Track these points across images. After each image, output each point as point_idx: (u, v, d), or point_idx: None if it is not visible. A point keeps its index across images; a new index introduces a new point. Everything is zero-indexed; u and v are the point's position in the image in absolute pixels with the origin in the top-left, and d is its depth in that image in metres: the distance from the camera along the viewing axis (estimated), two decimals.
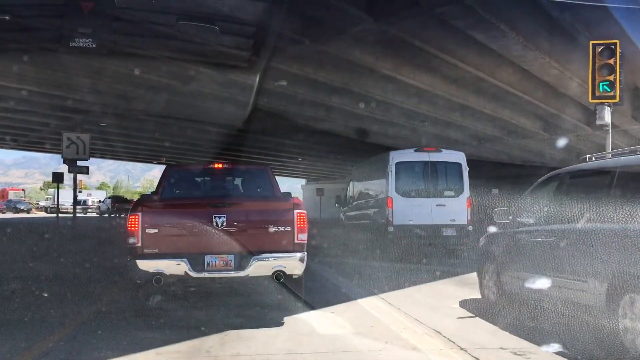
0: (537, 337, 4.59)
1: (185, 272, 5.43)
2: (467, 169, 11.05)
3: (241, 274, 5.56)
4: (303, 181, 44.61)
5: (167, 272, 5.44)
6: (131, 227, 5.49)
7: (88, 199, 48.28)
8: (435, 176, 11.02)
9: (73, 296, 6.17)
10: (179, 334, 4.80)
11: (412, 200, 10.74)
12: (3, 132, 19.20)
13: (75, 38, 6.01)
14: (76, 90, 11.88)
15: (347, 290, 7.25)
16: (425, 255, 7.88)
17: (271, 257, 5.61)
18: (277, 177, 6.89)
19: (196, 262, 5.48)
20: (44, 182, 75.21)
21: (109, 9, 6.03)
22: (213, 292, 6.59)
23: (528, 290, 5.20)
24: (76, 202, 15.86)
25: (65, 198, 45.33)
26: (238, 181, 7.26)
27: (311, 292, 6.41)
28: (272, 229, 5.73)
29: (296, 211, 5.74)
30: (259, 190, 6.78)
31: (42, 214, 40.28)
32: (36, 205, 52.19)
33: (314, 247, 11.02)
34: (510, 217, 5.80)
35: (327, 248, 11.33)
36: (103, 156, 32.23)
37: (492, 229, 6.28)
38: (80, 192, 54.99)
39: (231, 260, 5.57)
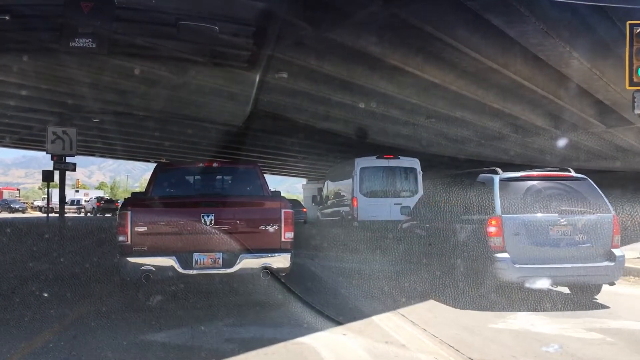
0: None
1: (174, 269, 5.64)
2: (421, 173, 13.20)
3: (229, 271, 5.79)
4: (304, 181, 44.72)
5: (156, 269, 5.64)
6: (121, 225, 5.70)
7: (82, 199, 48.50)
8: (394, 179, 13.22)
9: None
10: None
11: (373, 199, 12.77)
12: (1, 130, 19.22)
13: (75, 38, 6.16)
14: (75, 89, 11.95)
15: (354, 299, 6.60)
16: (425, 255, 7.90)
17: (258, 255, 5.86)
18: (277, 177, 7.18)
19: (185, 259, 5.71)
20: (43, 182, 75.50)
21: (109, 9, 6.17)
22: (212, 292, 6.72)
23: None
24: (63, 201, 15.70)
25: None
26: (227, 180, 7.48)
27: (314, 300, 6.17)
28: (259, 227, 5.99)
29: (283, 210, 6.01)
30: (248, 189, 6.99)
31: (38, 214, 40.40)
32: (31, 205, 52.30)
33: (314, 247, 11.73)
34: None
35: (327, 248, 11.68)
36: (103, 156, 32.27)
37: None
38: (77, 191, 55.23)
39: (219, 258, 5.80)
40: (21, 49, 7.90)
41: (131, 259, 5.65)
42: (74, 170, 14.87)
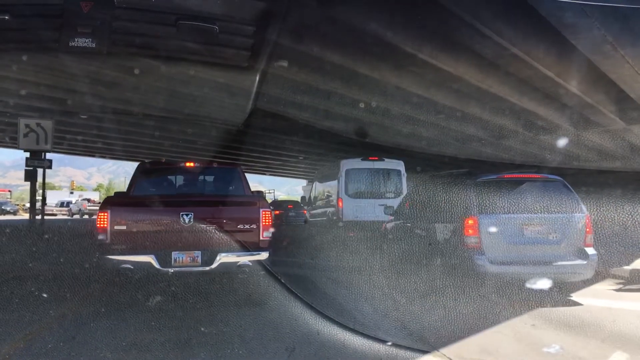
0: None
1: (153, 267, 5.92)
2: (405, 174, 13.71)
3: (207, 269, 6.07)
4: (304, 182, 44.84)
5: (135, 267, 5.92)
6: (100, 224, 5.97)
7: (71, 201, 48.31)
8: (378, 181, 13.74)
9: None
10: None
11: (358, 200, 13.31)
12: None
13: (75, 37, 6.33)
14: (73, 89, 12.02)
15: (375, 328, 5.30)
16: (425, 256, 7.66)
17: (237, 254, 6.13)
18: (279, 178, 7.43)
19: (163, 257, 5.98)
20: (39, 183, 75.98)
21: (109, 8, 6.32)
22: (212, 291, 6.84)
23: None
24: (40, 201, 15.00)
25: (52, 199, 45.03)
26: (208, 180, 7.78)
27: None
28: (238, 226, 6.28)
29: (262, 210, 6.30)
30: (229, 189, 7.27)
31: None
32: (23, 207, 52.31)
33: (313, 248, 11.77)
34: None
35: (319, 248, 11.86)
36: (102, 156, 32.37)
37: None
38: (71, 193, 55.34)
39: (198, 256, 6.07)
40: (20, 49, 8.00)
41: (110, 257, 5.92)
42: (50, 167, 13.96)
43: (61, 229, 16.84)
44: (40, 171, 13.63)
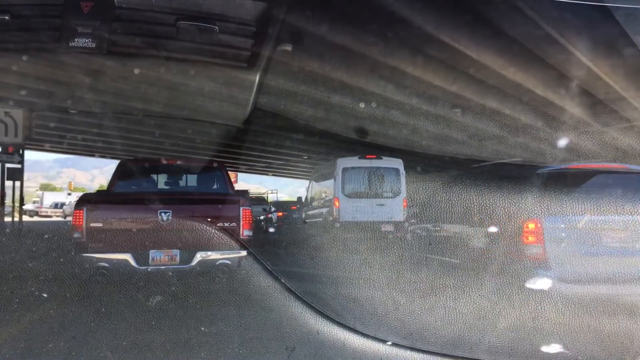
0: None
1: (130, 265, 6.01)
2: (404, 173, 13.45)
3: (186, 267, 6.19)
4: (307, 182, 44.83)
5: (111, 265, 5.99)
6: (76, 222, 6.04)
7: (65, 202, 48.27)
8: (376, 180, 13.48)
9: None
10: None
11: (356, 200, 13.09)
12: None
13: (74, 38, 6.48)
14: (74, 89, 12.15)
15: None
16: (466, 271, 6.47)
17: (216, 252, 6.24)
18: (280, 179, 7.52)
19: (141, 256, 6.06)
20: (41, 185, 77.36)
21: (109, 8, 6.46)
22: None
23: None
24: (19, 202, 14.69)
25: (49, 200, 44.88)
26: (190, 178, 7.88)
27: None
28: (217, 225, 6.35)
29: (242, 208, 6.40)
30: (211, 187, 7.38)
31: (25, 218, 40.51)
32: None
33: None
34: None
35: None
36: (103, 156, 32.57)
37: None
38: (69, 194, 55.42)
39: (176, 255, 6.18)
40: (20, 49, 8.14)
41: (86, 255, 6.00)
42: (21, 163, 13.34)
43: (32, 233, 14.58)
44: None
